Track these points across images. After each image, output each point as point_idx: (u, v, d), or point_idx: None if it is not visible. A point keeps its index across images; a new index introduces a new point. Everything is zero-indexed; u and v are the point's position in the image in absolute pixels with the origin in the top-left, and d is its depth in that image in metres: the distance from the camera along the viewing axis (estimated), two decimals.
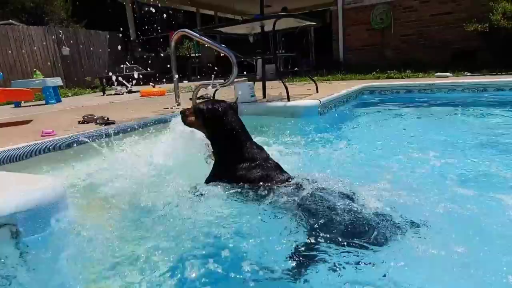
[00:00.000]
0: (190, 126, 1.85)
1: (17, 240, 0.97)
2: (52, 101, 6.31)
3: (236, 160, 1.65)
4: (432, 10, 7.83)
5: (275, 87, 4.68)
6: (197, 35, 3.48)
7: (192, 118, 1.79)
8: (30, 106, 6.34)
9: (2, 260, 0.95)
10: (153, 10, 12.44)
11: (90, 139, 2.08)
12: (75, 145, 2.18)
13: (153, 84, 7.96)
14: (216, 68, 11.76)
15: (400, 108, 4.25)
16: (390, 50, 8.46)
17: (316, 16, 9.04)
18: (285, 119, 3.24)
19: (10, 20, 22.89)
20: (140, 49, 12.28)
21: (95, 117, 3.04)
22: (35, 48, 9.68)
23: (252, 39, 10.99)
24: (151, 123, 2.80)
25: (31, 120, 3.59)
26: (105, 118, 2.84)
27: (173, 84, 5.48)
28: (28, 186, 1.07)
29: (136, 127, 2.65)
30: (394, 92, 4.98)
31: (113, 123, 2.80)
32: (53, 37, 10.19)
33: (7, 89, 3.39)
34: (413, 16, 8.03)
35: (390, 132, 3.16)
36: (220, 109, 1.72)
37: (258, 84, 4.12)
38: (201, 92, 4.20)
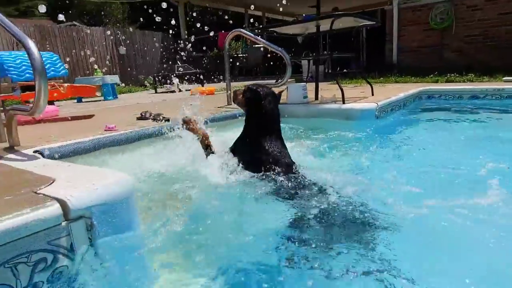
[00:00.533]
0: (237, 104, 2.09)
1: (91, 232, 0.99)
2: (110, 98, 6.69)
3: (256, 141, 1.82)
4: (499, 9, 7.18)
5: (323, 89, 4.54)
6: (252, 35, 3.47)
7: (240, 97, 2.01)
8: (90, 101, 6.77)
9: (79, 258, 0.97)
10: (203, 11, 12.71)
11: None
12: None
13: (201, 84, 8.15)
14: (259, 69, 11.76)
15: (463, 114, 3.92)
16: (450, 51, 7.90)
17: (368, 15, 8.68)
18: (339, 122, 3.12)
19: (74, 22, 24.74)
20: (190, 49, 12.65)
21: (152, 114, 3.14)
22: (96, 47, 10.35)
23: (301, 40, 10.88)
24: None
25: (93, 115, 3.80)
26: (161, 115, 2.92)
27: (220, 83, 5.54)
28: (101, 180, 1.09)
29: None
30: (456, 97, 4.61)
31: (168, 120, 2.87)
32: (112, 37, 10.83)
33: (74, 85, 3.63)
34: (478, 15, 7.42)
35: (453, 139, 2.91)
36: (261, 93, 1.91)
37: (308, 86, 4.03)
38: None
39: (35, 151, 1.78)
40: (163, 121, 2.82)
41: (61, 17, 5.32)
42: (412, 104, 4.39)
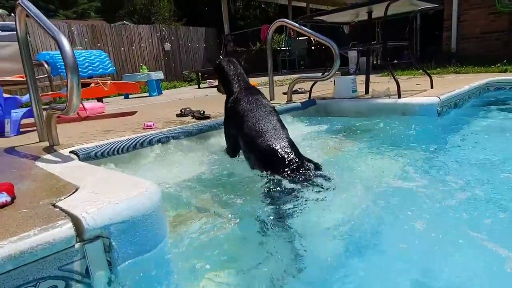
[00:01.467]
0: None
1: (110, 254, 0.85)
2: (155, 93, 6.80)
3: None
4: None
5: (373, 82, 4.16)
6: (296, 24, 3.23)
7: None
8: (136, 97, 6.95)
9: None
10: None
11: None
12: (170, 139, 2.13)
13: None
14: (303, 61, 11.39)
15: None
16: None
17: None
18: (394, 119, 2.78)
19: (124, 21, 25.96)
20: (232, 44, 12.61)
21: (192, 111, 3.04)
22: (143, 45, 10.66)
23: (347, 30, 10.34)
24: None
25: (136, 112, 3.80)
26: (201, 112, 2.80)
27: (262, 77, 5.34)
28: (125, 191, 0.95)
29: None
30: None
31: (208, 117, 2.74)
32: (158, 34, 11.09)
33: (118, 82, 3.67)
34: None
35: None
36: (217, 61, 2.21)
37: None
38: (297, 86, 3.96)
39: (71, 152, 1.73)
40: (205, 118, 2.70)
41: None
42: (479, 97, 3.88)
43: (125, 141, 1.94)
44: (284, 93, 4.20)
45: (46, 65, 4.47)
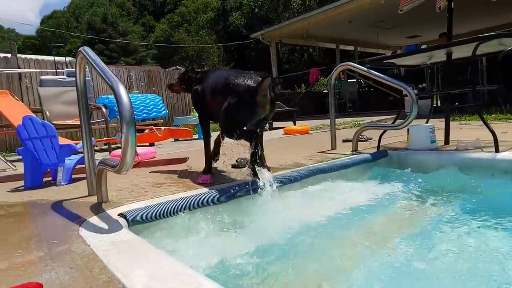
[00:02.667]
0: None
1: None
2: None
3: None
4: None
5: (437, 128, 3.65)
6: (364, 68, 2.94)
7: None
8: (185, 140, 6.95)
9: None
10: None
11: None
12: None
13: (293, 122, 7.82)
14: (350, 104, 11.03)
15: None
16: None
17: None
18: (492, 180, 2.29)
19: (177, 66, 27.69)
20: (280, 87, 12.67)
21: (248, 161, 2.77)
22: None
23: (403, 72, 9.91)
24: (312, 173, 2.32)
25: (188, 158, 3.63)
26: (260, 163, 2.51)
27: (312, 121, 5.05)
28: None
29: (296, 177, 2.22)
30: None
31: (268, 170, 2.44)
32: None
33: (172, 129, 3.58)
34: None
35: None
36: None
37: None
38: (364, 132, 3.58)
39: (119, 214, 1.49)
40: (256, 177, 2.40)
41: None
42: None
43: (180, 200, 1.68)
44: (344, 141, 3.84)
45: (104, 109, 4.58)
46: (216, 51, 33.95)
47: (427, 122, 3.40)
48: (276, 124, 8.88)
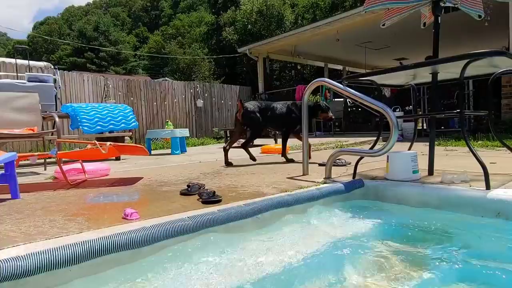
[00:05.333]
0: None
1: None
2: (177, 152, 6.33)
3: None
4: None
5: (421, 153, 3.33)
6: (340, 85, 2.60)
7: None
8: (158, 154, 6.50)
9: None
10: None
11: None
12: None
13: (274, 140, 7.46)
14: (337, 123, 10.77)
15: None
16: None
17: None
18: (482, 221, 1.92)
19: (166, 78, 27.37)
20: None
21: (200, 186, 2.37)
22: (175, 100, 10.63)
23: (388, 93, 9.72)
24: (268, 207, 1.92)
25: (141, 178, 3.20)
26: (211, 194, 2.10)
27: (295, 139, 4.67)
28: None
29: (246, 213, 1.81)
30: None
31: (219, 201, 2.03)
32: (191, 90, 11.10)
33: (121, 145, 3.16)
34: None
35: None
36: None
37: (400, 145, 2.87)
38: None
39: None
40: (214, 202, 1.99)
41: None
42: None
43: (59, 249, 1.24)
44: (321, 165, 3.47)
45: (56, 118, 4.12)
46: (207, 64, 33.81)
47: (410, 148, 3.07)
48: (257, 141, 8.50)
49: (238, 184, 2.63)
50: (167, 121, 8.05)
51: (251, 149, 4.68)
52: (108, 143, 2.62)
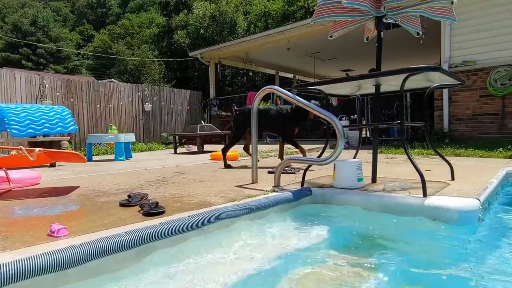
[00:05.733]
0: None
1: None
2: (122, 158, 5.96)
3: None
4: None
5: (365, 161, 3.50)
6: (289, 93, 2.60)
7: None
8: (99, 160, 6.07)
9: None
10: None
11: None
12: None
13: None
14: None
15: None
16: None
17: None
18: (420, 226, 2.02)
19: (112, 79, 26.00)
20: (217, 108, 12.25)
21: (142, 197, 2.21)
22: (121, 103, 10.08)
23: (335, 102, 10.14)
24: (215, 218, 1.83)
25: (78, 187, 2.93)
26: (153, 205, 1.96)
27: (245, 146, 4.64)
28: None
29: (191, 225, 1.70)
30: None
31: (162, 213, 1.90)
32: (139, 93, 10.61)
33: (53, 151, 2.84)
34: None
35: None
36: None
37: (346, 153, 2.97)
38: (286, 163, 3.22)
39: None
40: (156, 214, 1.85)
41: None
42: (501, 192, 3.22)
43: None
44: (270, 172, 3.46)
45: None
46: (157, 67, 32.77)
47: (355, 156, 3.17)
48: (209, 147, 8.35)
49: (184, 194, 2.51)
50: (111, 125, 7.57)
51: (201, 155, 4.57)
52: (37, 149, 2.34)
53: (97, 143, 7.30)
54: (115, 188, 2.88)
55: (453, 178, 2.81)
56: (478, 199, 2.05)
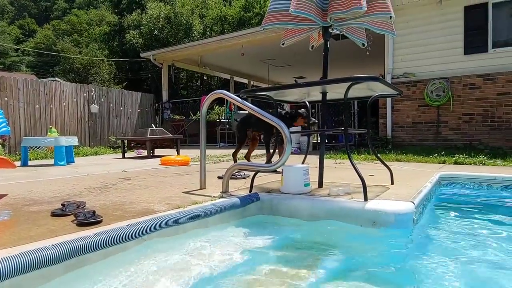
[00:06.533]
0: None
1: None
2: (62, 162, 5.54)
3: None
4: (499, 89, 6.87)
5: (313, 166, 3.62)
6: (238, 99, 2.59)
7: None
8: (36, 165, 5.59)
9: None
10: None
11: None
12: None
13: (177, 151, 7.19)
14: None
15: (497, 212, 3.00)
16: (448, 129, 7.40)
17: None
18: (362, 230, 2.10)
19: (56, 78, 24.25)
20: (169, 111, 11.93)
21: (78, 206, 2.05)
22: (64, 104, 9.42)
23: (287, 108, 10.36)
24: (153, 227, 1.74)
25: (6, 195, 2.65)
26: (89, 214, 1.82)
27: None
28: None
29: (127, 235, 1.60)
30: (485, 186, 3.76)
31: (99, 222, 1.77)
32: (85, 94, 10.00)
33: None
34: (477, 94, 7.08)
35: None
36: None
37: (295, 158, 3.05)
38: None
39: None
40: (91, 224, 1.72)
41: None
42: (434, 195, 3.48)
43: None
44: (220, 178, 3.41)
45: None
46: (107, 67, 31.19)
47: (304, 161, 3.24)
48: (160, 151, 8.09)
49: (127, 201, 2.38)
50: (50, 127, 7.02)
51: (150, 160, 4.38)
52: None
53: (35, 147, 6.72)
54: (50, 196, 2.65)
55: (392, 183, 2.98)
56: (413, 202, 2.18)
